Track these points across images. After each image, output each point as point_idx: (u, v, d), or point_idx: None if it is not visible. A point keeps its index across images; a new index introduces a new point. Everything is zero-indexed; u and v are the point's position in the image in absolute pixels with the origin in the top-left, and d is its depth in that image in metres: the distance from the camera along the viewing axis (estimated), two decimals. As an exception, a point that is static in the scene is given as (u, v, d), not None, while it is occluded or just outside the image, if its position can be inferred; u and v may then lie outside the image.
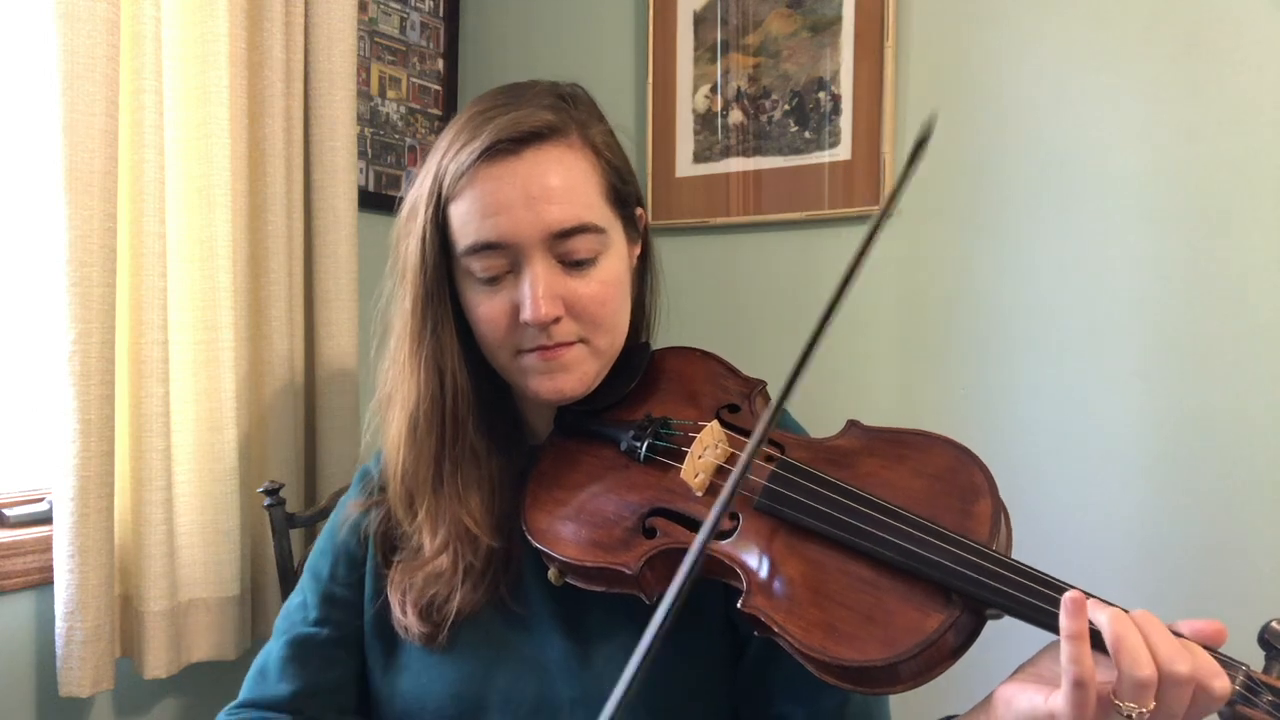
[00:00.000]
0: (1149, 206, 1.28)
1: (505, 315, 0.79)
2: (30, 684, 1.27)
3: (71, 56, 1.16)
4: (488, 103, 0.81)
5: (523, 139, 0.77)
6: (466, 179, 0.77)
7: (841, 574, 0.67)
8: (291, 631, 0.89)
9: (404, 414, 0.83)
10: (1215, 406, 1.24)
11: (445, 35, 1.93)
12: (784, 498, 0.71)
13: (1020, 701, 0.60)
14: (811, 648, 0.64)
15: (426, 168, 0.82)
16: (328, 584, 0.90)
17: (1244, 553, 1.23)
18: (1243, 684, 0.57)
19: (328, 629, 0.88)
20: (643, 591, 0.74)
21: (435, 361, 0.82)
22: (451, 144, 0.79)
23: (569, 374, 0.81)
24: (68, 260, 1.17)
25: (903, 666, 0.63)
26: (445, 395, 0.82)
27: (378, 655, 0.87)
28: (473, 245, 0.78)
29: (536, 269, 0.78)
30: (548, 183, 0.77)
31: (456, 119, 0.82)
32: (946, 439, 0.74)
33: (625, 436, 0.82)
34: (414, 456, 0.83)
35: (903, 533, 0.66)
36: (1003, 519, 0.69)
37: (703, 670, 0.81)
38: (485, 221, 0.77)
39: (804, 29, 1.53)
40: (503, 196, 0.76)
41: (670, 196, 1.66)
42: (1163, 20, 1.27)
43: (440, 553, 0.82)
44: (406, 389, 0.83)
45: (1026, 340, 1.37)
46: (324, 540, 0.94)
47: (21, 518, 1.30)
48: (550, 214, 0.77)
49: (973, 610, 0.64)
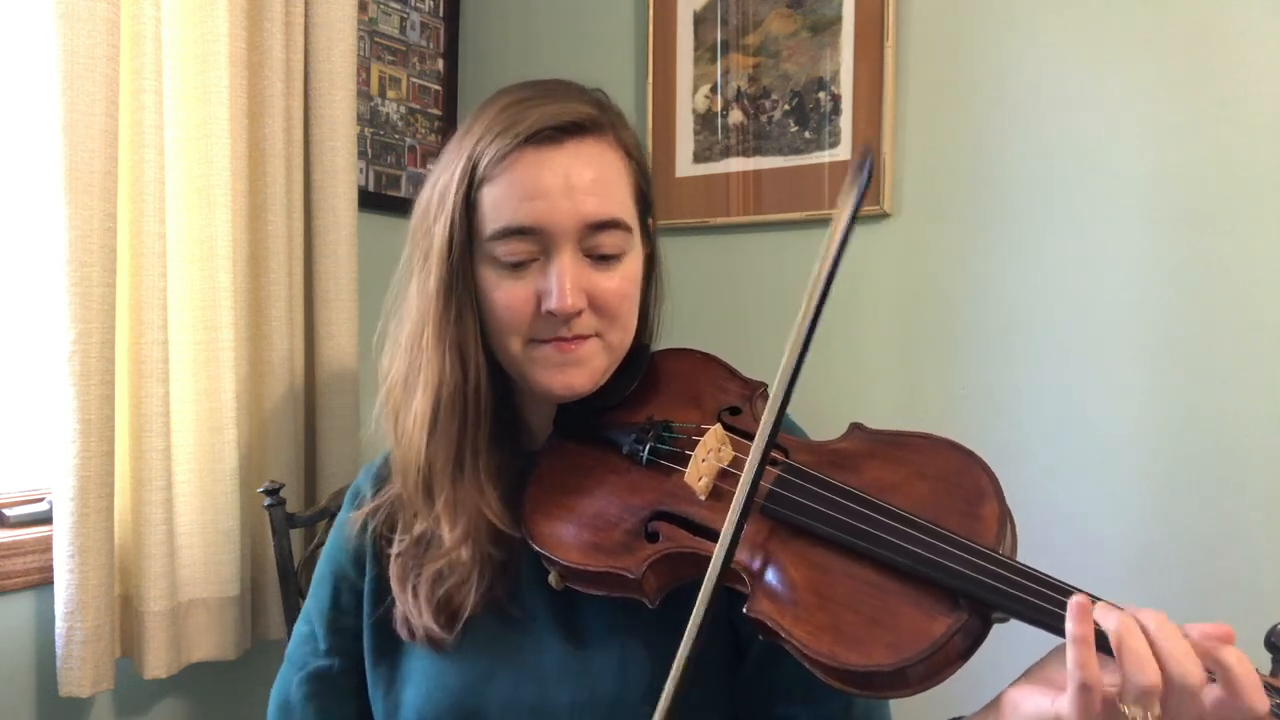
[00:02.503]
0: (1150, 206, 1.28)
1: (526, 303, 0.79)
2: (30, 684, 1.27)
3: (71, 56, 1.16)
4: (523, 94, 0.81)
5: (566, 129, 0.77)
6: (507, 163, 0.77)
7: (847, 578, 0.67)
8: (307, 666, 0.89)
9: (427, 397, 0.81)
10: (1217, 406, 1.24)
11: (445, 35, 1.93)
12: (789, 502, 0.71)
13: (1027, 705, 0.60)
14: (818, 652, 0.64)
15: (455, 154, 0.81)
16: (331, 613, 0.90)
17: (1246, 554, 1.23)
18: None
19: (339, 659, 0.89)
20: (645, 595, 0.73)
21: (459, 346, 0.81)
22: (489, 129, 0.78)
23: (581, 368, 0.81)
24: (68, 260, 1.17)
25: (910, 671, 0.62)
26: (469, 380, 0.81)
27: (381, 672, 0.86)
28: (505, 228, 0.77)
29: (565, 259, 0.77)
30: (587, 174, 0.77)
31: (485, 108, 0.81)
32: (951, 442, 0.74)
33: (627, 439, 0.81)
34: (435, 442, 0.82)
35: (909, 536, 0.66)
36: (1008, 522, 0.69)
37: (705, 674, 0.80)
38: (523, 205, 0.76)
39: (804, 29, 1.53)
40: (544, 183, 0.76)
41: (670, 196, 1.66)
42: (1163, 20, 1.27)
43: (460, 544, 0.80)
44: (429, 372, 0.81)
45: (1027, 340, 1.37)
46: (324, 566, 0.93)
47: (21, 518, 1.30)
48: (588, 205, 0.77)
49: (979, 614, 0.64)
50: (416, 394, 0.82)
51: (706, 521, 0.73)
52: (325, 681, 0.89)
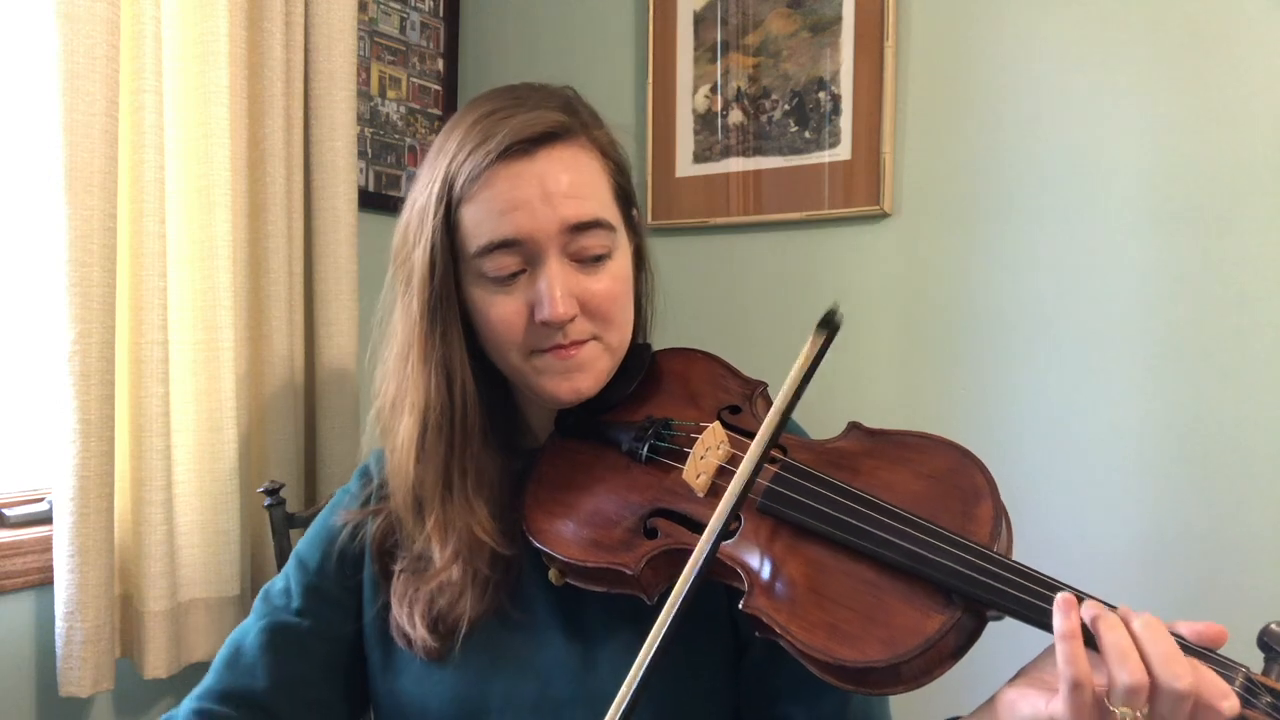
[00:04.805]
0: (1150, 206, 1.28)
1: (519, 316, 0.79)
2: (30, 684, 1.27)
3: (71, 56, 1.16)
4: (491, 105, 0.81)
5: (537, 139, 0.78)
6: (482, 180, 0.77)
7: (843, 575, 0.67)
8: (272, 617, 0.87)
9: (414, 419, 0.82)
10: (1217, 406, 1.24)
11: (445, 35, 1.93)
12: (787, 499, 0.72)
13: (1022, 706, 0.60)
14: (813, 648, 0.65)
15: (430, 174, 0.81)
16: (314, 577, 0.89)
17: (1246, 554, 1.23)
18: (1242, 686, 0.57)
19: (309, 620, 0.87)
20: (644, 592, 0.74)
21: (445, 367, 0.81)
22: (460, 147, 0.79)
23: (584, 373, 0.81)
24: (68, 260, 1.17)
25: (904, 667, 0.63)
26: (454, 401, 0.81)
27: (377, 659, 0.87)
28: (488, 244, 0.78)
29: (552, 268, 0.78)
30: (564, 180, 0.78)
31: (457, 124, 0.82)
32: (948, 441, 0.74)
33: (627, 437, 0.82)
34: (423, 464, 0.82)
35: (904, 534, 0.67)
36: (1004, 521, 0.69)
37: (706, 671, 0.81)
38: (503, 219, 0.77)
39: (804, 29, 1.53)
40: (520, 194, 0.77)
41: (670, 196, 1.66)
42: (1163, 19, 1.27)
43: (450, 564, 0.81)
44: (415, 395, 0.82)
45: (1027, 341, 1.37)
46: (317, 531, 0.93)
47: (21, 518, 1.30)
48: (567, 208, 0.77)
49: (973, 611, 0.64)
50: (403, 416, 0.83)
51: (703, 518, 0.73)
52: (287, 635, 0.86)
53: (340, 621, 0.88)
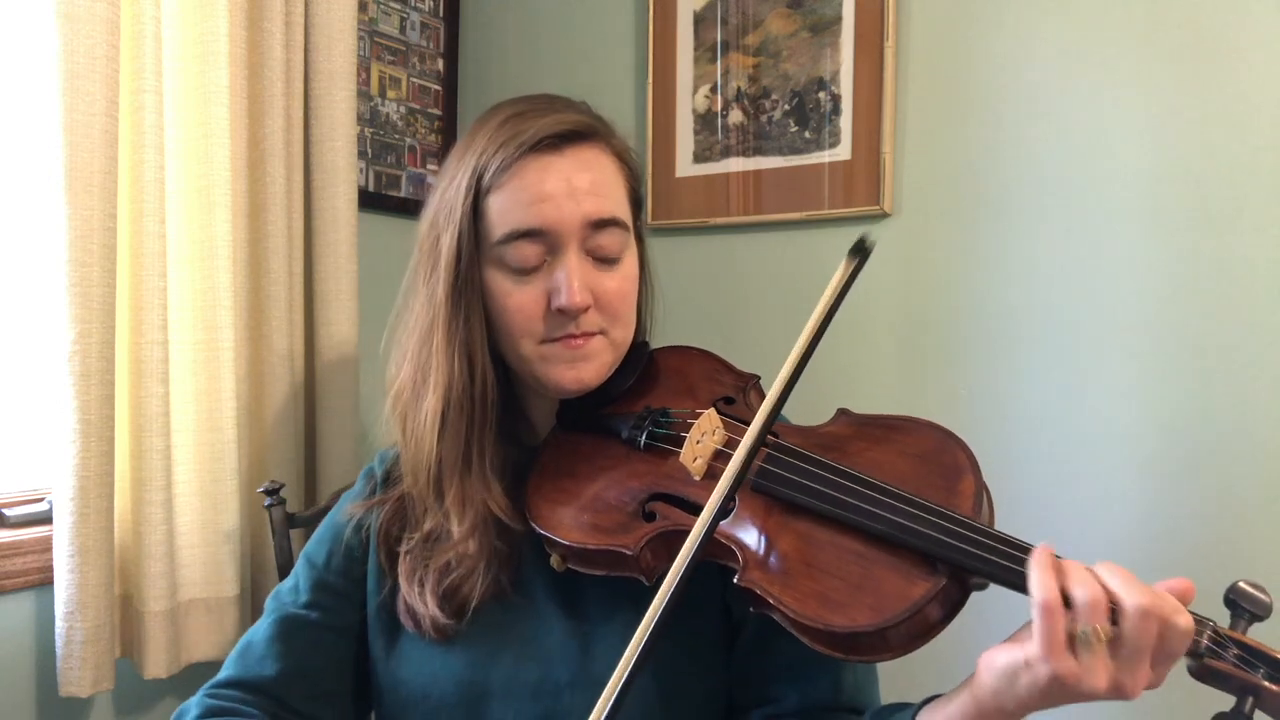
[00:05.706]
0: (1151, 205, 1.28)
1: (536, 304, 0.83)
2: (30, 684, 1.27)
3: (71, 56, 1.16)
4: (519, 107, 0.86)
5: (565, 136, 0.83)
6: (512, 171, 0.82)
7: (833, 547, 0.71)
8: (281, 611, 0.91)
9: (437, 398, 0.85)
10: (1217, 405, 1.24)
11: (445, 35, 1.93)
12: (778, 477, 0.75)
13: (999, 659, 0.63)
14: (805, 616, 0.68)
15: (459, 167, 0.86)
16: (322, 572, 0.92)
17: (1245, 553, 1.23)
18: (1210, 638, 0.61)
19: (317, 613, 0.90)
20: (643, 573, 0.77)
21: (467, 348, 0.85)
22: (491, 142, 0.83)
23: (589, 363, 0.85)
24: (68, 260, 1.17)
25: (891, 633, 0.66)
26: (475, 381, 0.85)
27: (381, 646, 0.89)
28: (513, 231, 0.82)
29: (572, 259, 0.82)
30: (587, 178, 0.83)
31: (484, 123, 0.86)
32: (931, 423, 0.79)
33: (626, 426, 0.85)
34: (445, 440, 0.85)
35: (889, 506, 0.70)
36: (985, 496, 0.73)
37: (700, 654, 0.84)
38: (530, 209, 0.81)
39: (804, 29, 1.53)
40: (548, 186, 0.81)
41: (670, 196, 1.66)
42: (1163, 19, 1.27)
43: (469, 536, 0.84)
44: (439, 374, 0.85)
45: (1028, 340, 1.37)
46: (323, 530, 0.96)
47: (21, 518, 1.30)
48: (590, 204, 0.82)
49: (957, 578, 0.67)
50: (427, 395, 0.86)
51: (700, 500, 0.76)
52: (297, 626, 0.90)
53: (347, 611, 0.91)
